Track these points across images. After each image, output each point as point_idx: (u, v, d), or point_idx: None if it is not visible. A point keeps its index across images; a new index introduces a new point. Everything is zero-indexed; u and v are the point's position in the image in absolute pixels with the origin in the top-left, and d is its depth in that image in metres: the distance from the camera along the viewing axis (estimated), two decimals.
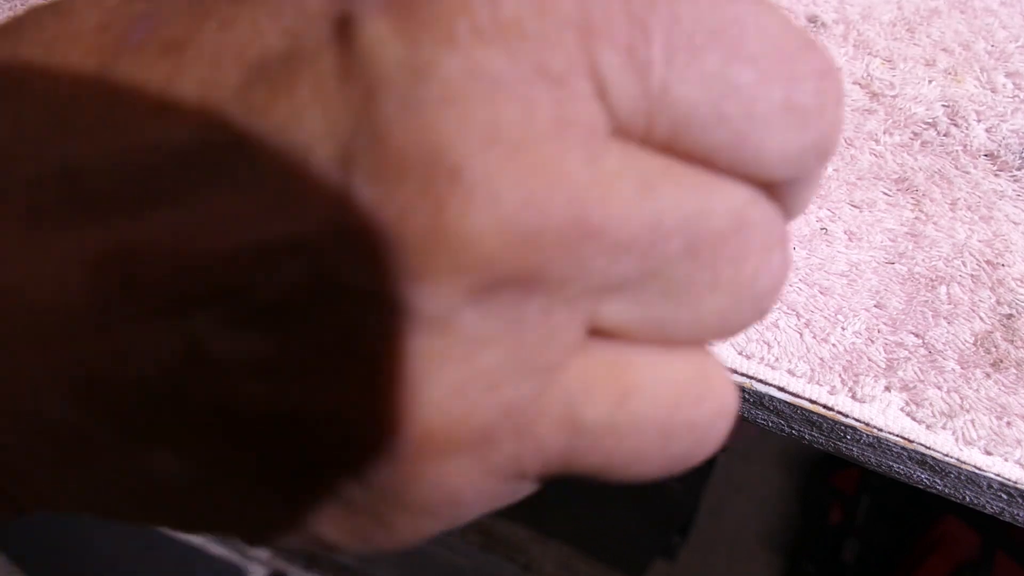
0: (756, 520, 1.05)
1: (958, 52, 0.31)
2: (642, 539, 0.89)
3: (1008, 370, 0.23)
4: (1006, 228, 0.26)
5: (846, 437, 0.24)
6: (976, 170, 0.28)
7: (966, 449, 0.22)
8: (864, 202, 0.27)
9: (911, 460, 0.23)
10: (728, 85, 0.10)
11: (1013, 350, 0.24)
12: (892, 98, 0.30)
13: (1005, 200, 0.27)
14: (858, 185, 0.27)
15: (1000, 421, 0.23)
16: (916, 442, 0.23)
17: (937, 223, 0.26)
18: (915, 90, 0.30)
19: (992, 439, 0.22)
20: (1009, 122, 0.29)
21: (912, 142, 0.28)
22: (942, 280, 0.25)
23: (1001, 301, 0.25)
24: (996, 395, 0.23)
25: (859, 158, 0.28)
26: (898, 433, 0.23)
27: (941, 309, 0.25)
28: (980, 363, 0.24)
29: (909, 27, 0.32)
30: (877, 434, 0.23)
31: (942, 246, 0.26)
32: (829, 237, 0.26)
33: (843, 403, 0.23)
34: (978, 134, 0.29)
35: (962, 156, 0.28)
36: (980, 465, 0.22)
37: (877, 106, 0.29)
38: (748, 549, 1.04)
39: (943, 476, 0.23)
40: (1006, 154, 0.28)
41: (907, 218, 0.26)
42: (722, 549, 1.03)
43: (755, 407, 0.24)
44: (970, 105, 0.29)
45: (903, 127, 0.29)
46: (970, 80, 0.30)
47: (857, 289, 0.25)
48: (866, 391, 0.23)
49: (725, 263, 0.11)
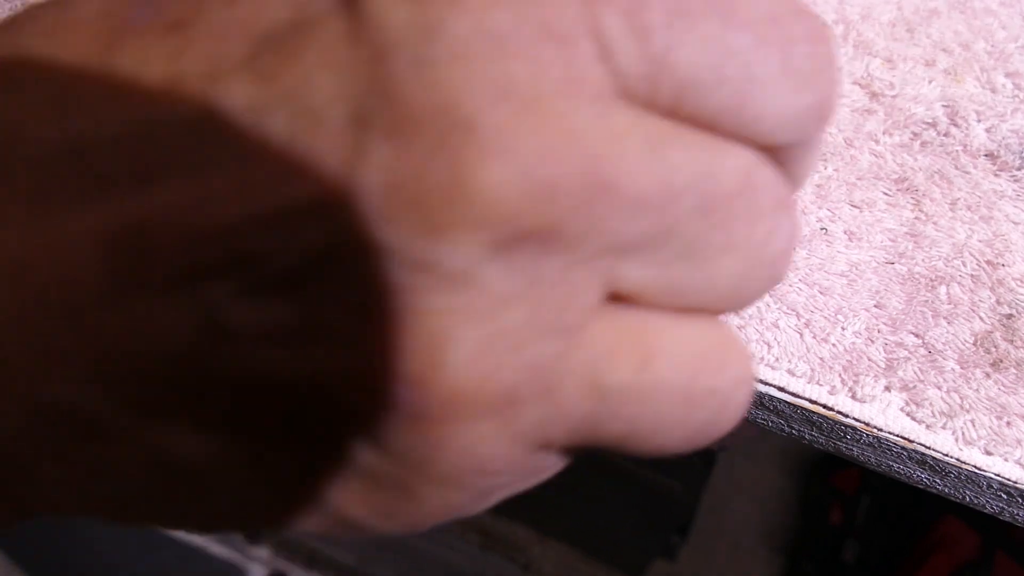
0: (756, 520, 1.05)
1: (958, 52, 0.31)
2: (642, 539, 0.89)
3: (1008, 370, 0.23)
4: (1006, 228, 0.26)
5: (846, 437, 0.24)
6: (976, 170, 0.28)
7: (966, 449, 0.22)
8: (864, 202, 0.27)
9: (911, 460, 0.23)
10: (727, 49, 0.10)
11: (1013, 350, 0.24)
12: (892, 98, 0.30)
13: (1005, 200, 0.27)
14: (858, 185, 0.27)
15: (1000, 421, 0.23)
16: (916, 442, 0.23)
17: (937, 223, 0.26)
18: (915, 90, 0.30)
19: (992, 439, 0.22)
20: (1009, 122, 0.29)
21: (912, 142, 0.28)
22: (942, 280, 0.25)
23: (1001, 301, 0.25)
24: (996, 395, 0.23)
25: (859, 158, 0.28)
26: (898, 433, 0.23)
27: (941, 309, 0.25)
28: (980, 363, 0.24)
29: (909, 27, 0.32)
30: (877, 434, 0.23)
31: (942, 246, 0.26)
32: (829, 237, 0.26)
33: (843, 403, 0.23)
34: (978, 134, 0.29)
35: (962, 156, 0.28)
36: (980, 465, 0.22)
37: (877, 106, 0.29)
38: (748, 549, 1.04)
39: (943, 476, 0.23)
40: (1006, 154, 0.28)
41: (907, 218, 0.26)
42: (722, 549, 1.03)
43: (755, 407, 0.24)
44: (970, 105, 0.29)
45: (903, 127, 0.29)
46: (970, 80, 0.30)
47: (857, 289, 0.25)
48: (866, 391, 0.23)
49: (737, 224, 0.11)
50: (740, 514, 1.05)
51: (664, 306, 0.11)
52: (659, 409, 0.11)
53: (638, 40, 0.10)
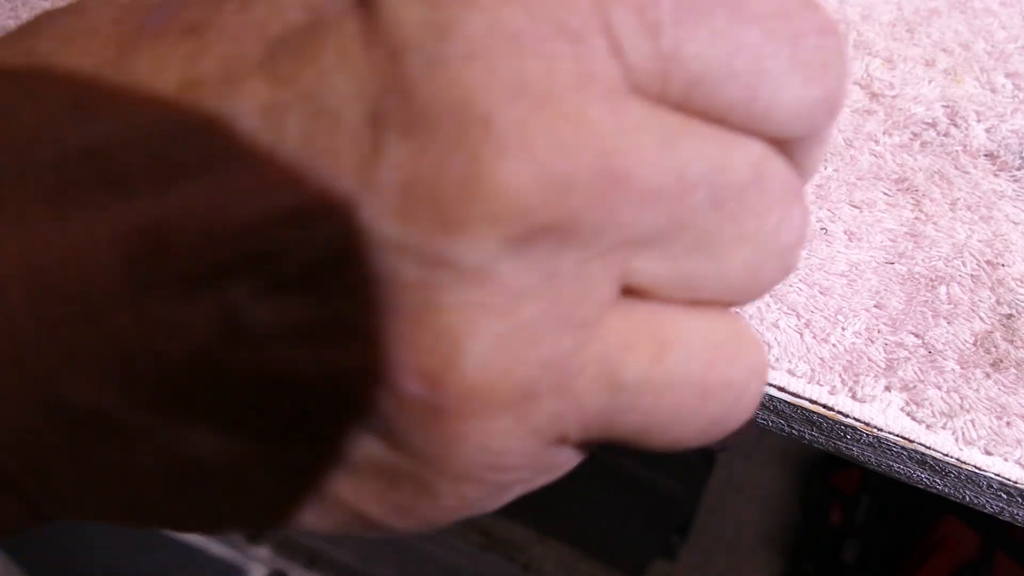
0: (756, 520, 1.05)
1: (958, 52, 0.31)
2: (642, 539, 0.89)
3: (1008, 370, 0.23)
4: (1006, 228, 0.26)
5: (846, 437, 0.24)
6: (976, 170, 0.28)
7: (966, 449, 0.22)
8: (864, 202, 0.27)
9: (911, 460, 0.23)
10: (736, 43, 0.10)
11: (1013, 350, 0.24)
12: (892, 98, 0.30)
13: (1005, 200, 0.27)
14: (858, 185, 0.27)
15: (1000, 421, 0.23)
16: (916, 442, 0.23)
17: (937, 223, 0.26)
18: (915, 90, 0.30)
19: (992, 439, 0.22)
20: (1009, 122, 0.29)
21: (912, 142, 0.28)
22: (942, 280, 0.25)
23: (1001, 301, 0.25)
24: (996, 395, 0.23)
25: (859, 158, 0.28)
26: (898, 433, 0.23)
27: (941, 309, 0.25)
28: (980, 363, 0.24)
29: (909, 27, 0.32)
30: (877, 434, 0.23)
31: (942, 246, 0.26)
32: (829, 237, 0.26)
33: (843, 403, 0.23)
34: (978, 134, 0.29)
35: (962, 156, 0.28)
36: (980, 465, 0.22)
37: (877, 106, 0.29)
38: (748, 549, 1.04)
39: (943, 476, 0.23)
40: (1006, 154, 0.28)
41: (907, 218, 0.26)
42: (722, 549, 1.03)
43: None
44: (970, 105, 0.29)
45: (903, 127, 0.29)
46: (970, 80, 0.30)
47: (857, 289, 0.25)
48: (866, 391, 0.23)
49: (749, 215, 0.11)
50: (740, 514, 1.05)
51: (678, 299, 0.12)
52: (674, 401, 0.11)
53: (648, 36, 0.10)
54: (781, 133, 0.11)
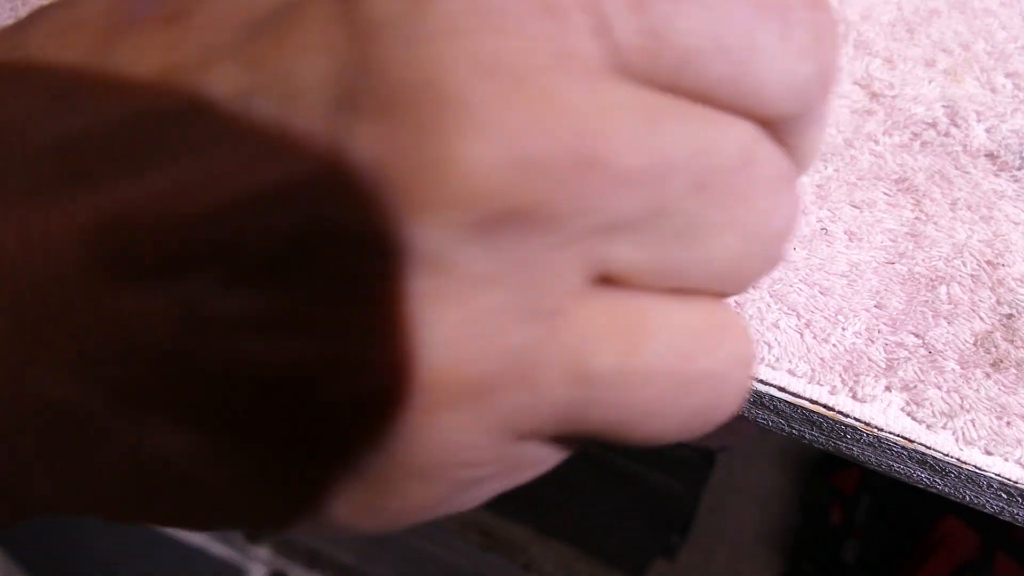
0: (756, 520, 1.05)
1: (958, 52, 0.31)
2: (642, 539, 0.89)
3: (1008, 370, 0.23)
4: (1006, 228, 0.26)
5: (846, 437, 0.24)
6: (976, 170, 0.28)
7: (966, 449, 0.22)
8: (864, 202, 0.27)
9: (911, 460, 0.23)
10: (726, 18, 0.10)
11: (1013, 350, 0.24)
12: (892, 98, 0.30)
13: (1005, 200, 0.27)
14: (858, 185, 0.27)
15: (1000, 421, 0.23)
16: (916, 442, 0.23)
17: (937, 223, 0.26)
18: (915, 90, 0.30)
19: (992, 439, 0.22)
20: (1009, 122, 0.29)
21: (912, 142, 0.28)
22: (942, 280, 0.25)
23: (1001, 301, 0.25)
24: (996, 395, 0.23)
25: (859, 158, 0.28)
26: (898, 433, 0.23)
27: (941, 309, 0.25)
28: (980, 363, 0.24)
29: (909, 27, 0.32)
30: (877, 434, 0.23)
31: (942, 246, 0.26)
32: (829, 237, 0.26)
33: (843, 403, 0.23)
34: (978, 134, 0.29)
35: (962, 156, 0.28)
36: (980, 465, 0.22)
37: (877, 106, 0.29)
38: (748, 549, 1.04)
39: (943, 476, 0.23)
40: (1006, 154, 0.28)
41: (907, 218, 0.26)
42: (722, 549, 1.03)
43: (755, 407, 0.24)
44: (970, 105, 0.29)
45: (903, 127, 0.29)
46: (970, 80, 0.30)
47: (857, 289, 0.25)
48: (866, 391, 0.23)
49: (735, 201, 0.11)
50: (740, 514, 1.05)
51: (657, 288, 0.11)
52: (651, 394, 0.11)
53: (636, 11, 0.10)
54: (774, 111, 0.11)
